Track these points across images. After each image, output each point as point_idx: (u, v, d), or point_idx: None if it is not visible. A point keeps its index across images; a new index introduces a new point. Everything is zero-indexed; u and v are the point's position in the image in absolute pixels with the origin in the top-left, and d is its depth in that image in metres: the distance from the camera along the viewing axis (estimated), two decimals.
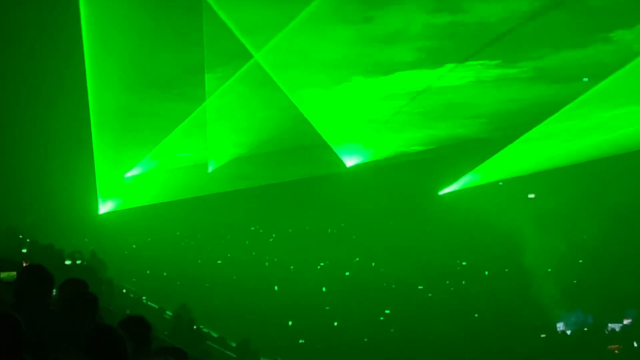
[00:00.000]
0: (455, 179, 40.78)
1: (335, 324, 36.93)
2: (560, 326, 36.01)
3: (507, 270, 41.08)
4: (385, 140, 39.35)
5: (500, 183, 40.93)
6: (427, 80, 38.31)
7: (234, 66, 36.55)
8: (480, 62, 38.34)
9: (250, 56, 34.89)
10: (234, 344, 23.34)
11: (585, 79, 36.95)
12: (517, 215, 39.21)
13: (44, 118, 32.07)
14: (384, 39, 37.87)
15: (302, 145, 39.13)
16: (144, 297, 25.06)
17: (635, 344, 33.86)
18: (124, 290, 24.88)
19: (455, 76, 38.54)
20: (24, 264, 10.29)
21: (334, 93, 38.01)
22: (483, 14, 37.20)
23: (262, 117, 37.20)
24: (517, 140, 38.71)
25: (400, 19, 37.38)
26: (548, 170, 39.59)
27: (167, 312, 22.94)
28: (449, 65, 38.25)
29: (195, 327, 20.26)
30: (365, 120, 38.59)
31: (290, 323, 36.80)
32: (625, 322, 34.99)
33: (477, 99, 39.24)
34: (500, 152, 39.07)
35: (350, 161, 39.11)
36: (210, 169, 37.99)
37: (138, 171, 36.05)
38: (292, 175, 40.82)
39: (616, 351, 33.74)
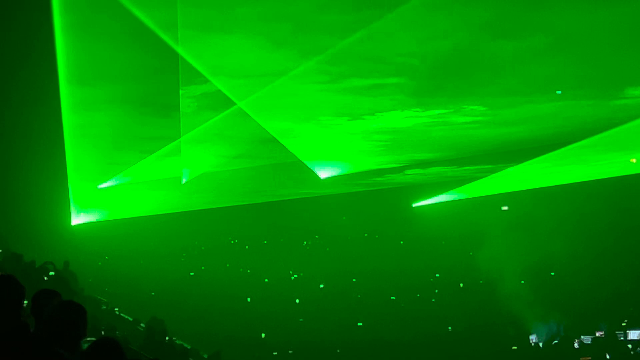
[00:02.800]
0: (429, 193, 41.00)
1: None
2: (532, 338, 36.12)
3: (481, 282, 41.28)
4: (358, 158, 39.62)
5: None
6: (398, 121, 38.73)
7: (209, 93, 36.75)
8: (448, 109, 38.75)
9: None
10: (206, 356, 23.26)
11: (559, 92, 37.24)
12: (490, 227, 39.41)
13: (15, 125, 31.90)
14: (354, 91, 38.24)
15: (278, 162, 39.28)
16: (116, 309, 24.91)
17: (608, 356, 34.01)
18: (96, 301, 24.73)
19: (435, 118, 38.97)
20: None
21: (305, 127, 38.25)
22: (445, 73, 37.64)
23: (237, 135, 37.29)
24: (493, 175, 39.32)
25: (367, 76, 37.85)
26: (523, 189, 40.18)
27: (141, 324, 22.88)
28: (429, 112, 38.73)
29: (167, 338, 20.18)
30: (338, 146, 38.90)
31: (263, 335, 36.77)
32: (598, 334, 35.15)
33: (448, 137, 39.65)
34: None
35: (324, 174, 39.22)
36: (183, 181, 37.93)
37: (112, 183, 35.96)
38: (268, 193, 40.96)
39: None
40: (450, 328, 38.03)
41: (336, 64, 36.32)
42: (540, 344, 35.66)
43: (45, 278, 19.01)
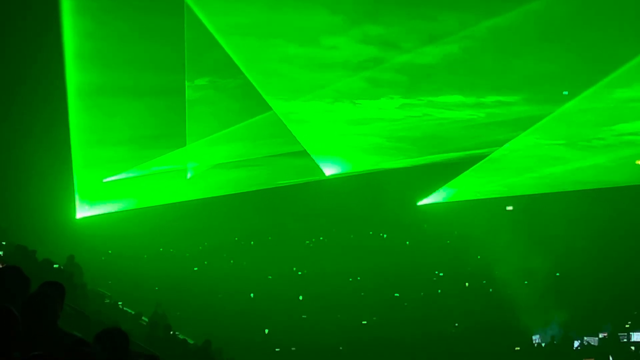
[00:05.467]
0: (433, 190, 40.96)
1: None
2: (535, 339, 36.09)
3: (484, 282, 41.24)
4: (361, 155, 39.58)
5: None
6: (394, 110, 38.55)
7: (215, 75, 36.68)
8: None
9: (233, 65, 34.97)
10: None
11: (565, 92, 37.17)
12: (495, 228, 39.36)
13: (21, 119, 31.89)
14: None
15: (284, 153, 39.29)
16: (120, 303, 24.89)
17: (611, 358, 33.99)
18: (100, 295, 24.72)
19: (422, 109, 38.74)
20: (0, 266, 10.20)
21: (314, 107, 38.02)
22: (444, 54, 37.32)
23: (244, 124, 37.24)
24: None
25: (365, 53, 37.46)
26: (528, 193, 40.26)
27: (144, 318, 22.87)
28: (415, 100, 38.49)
29: (171, 332, 20.17)
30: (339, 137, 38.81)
31: (266, 331, 36.76)
32: (601, 335, 35.13)
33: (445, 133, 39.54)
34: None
35: (329, 170, 39.20)
36: (189, 175, 37.94)
37: (118, 177, 35.95)
38: (272, 182, 40.91)
39: None
40: (456, 324, 37.97)
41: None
42: (543, 345, 35.64)
43: (49, 271, 18.97)
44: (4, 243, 23.08)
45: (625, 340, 35.34)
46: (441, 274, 42.93)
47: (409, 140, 39.69)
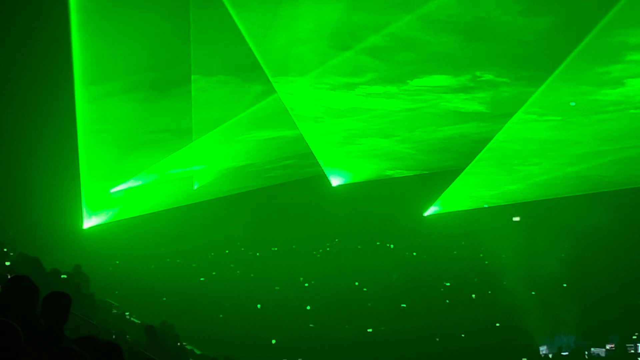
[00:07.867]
0: (439, 200, 40.96)
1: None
2: (543, 350, 36.05)
3: (490, 292, 41.19)
4: (366, 162, 39.49)
5: (485, 205, 41.10)
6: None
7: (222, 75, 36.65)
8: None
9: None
10: None
11: (572, 103, 37.11)
12: (502, 238, 39.36)
13: (30, 130, 31.98)
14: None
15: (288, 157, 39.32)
16: (127, 313, 24.90)
17: None
18: (107, 305, 24.74)
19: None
20: (9, 276, 10.24)
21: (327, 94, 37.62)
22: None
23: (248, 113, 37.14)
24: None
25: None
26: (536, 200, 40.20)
27: None
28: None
29: (179, 343, 20.16)
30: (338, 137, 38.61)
31: (273, 342, 36.74)
32: (608, 347, 35.09)
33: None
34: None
35: (335, 180, 39.23)
36: (195, 186, 37.99)
37: (125, 186, 36.02)
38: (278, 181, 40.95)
39: None
40: (463, 335, 37.93)
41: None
42: (550, 356, 35.60)
43: (57, 281, 19.00)
44: (11, 254, 23.12)
45: (632, 351, 35.28)
46: (448, 284, 42.90)
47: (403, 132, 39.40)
